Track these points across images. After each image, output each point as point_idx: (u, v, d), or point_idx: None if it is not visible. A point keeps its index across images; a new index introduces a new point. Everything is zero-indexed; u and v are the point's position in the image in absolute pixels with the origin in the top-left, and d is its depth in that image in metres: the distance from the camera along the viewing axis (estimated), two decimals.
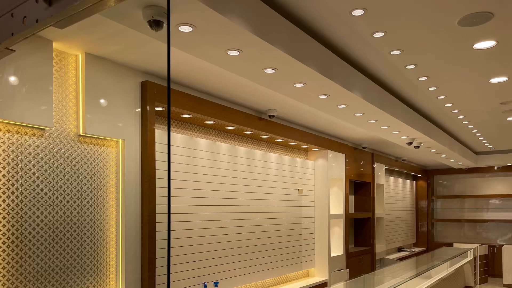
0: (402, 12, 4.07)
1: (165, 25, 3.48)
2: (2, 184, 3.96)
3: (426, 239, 16.11)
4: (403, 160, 13.71)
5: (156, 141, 5.18)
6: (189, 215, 6.07)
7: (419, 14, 4.12)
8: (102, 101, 4.68)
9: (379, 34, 4.58)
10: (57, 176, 4.36)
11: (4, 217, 3.96)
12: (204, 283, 6.21)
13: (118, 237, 4.89)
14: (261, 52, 4.19)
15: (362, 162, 11.02)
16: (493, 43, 4.79)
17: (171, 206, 5.73)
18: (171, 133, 5.93)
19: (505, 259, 13.11)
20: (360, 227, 11.74)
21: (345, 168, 9.92)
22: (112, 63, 4.81)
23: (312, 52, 4.65)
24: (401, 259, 12.95)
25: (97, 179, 4.73)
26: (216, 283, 6.39)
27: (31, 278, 4.13)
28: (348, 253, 10.02)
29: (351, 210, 11.48)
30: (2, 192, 3.95)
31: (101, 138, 4.79)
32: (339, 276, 9.34)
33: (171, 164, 5.81)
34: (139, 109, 5.08)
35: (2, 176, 3.96)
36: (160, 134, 5.42)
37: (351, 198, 11.57)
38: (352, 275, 9.79)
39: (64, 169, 4.42)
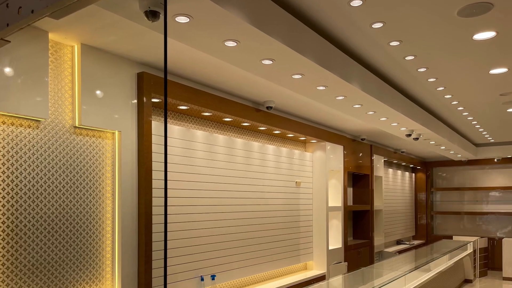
0: (401, 2, 4.04)
1: (161, 16, 3.45)
2: None
3: (425, 232, 16.11)
4: (402, 152, 13.68)
5: (152, 133, 5.16)
6: (186, 207, 6.04)
7: (418, 4, 4.09)
8: (98, 92, 4.65)
9: (377, 25, 4.55)
10: (52, 168, 4.33)
11: None
12: (201, 276, 6.19)
13: (114, 230, 4.87)
14: (258, 43, 4.17)
15: (360, 154, 11.00)
16: (493, 34, 4.76)
17: (167, 198, 5.71)
18: (168, 125, 5.90)
19: (505, 252, 13.06)
20: (359, 220, 11.73)
21: (344, 160, 9.89)
22: (108, 54, 4.78)
23: (310, 43, 4.62)
24: (400, 252, 12.95)
25: (93, 171, 4.70)
26: (213, 276, 6.37)
27: (27, 271, 4.11)
28: (346, 246, 10.01)
29: (350, 202, 11.47)
30: None
31: (97, 130, 4.76)
32: (337, 269, 9.33)
33: (168, 156, 5.78)
34: (136, 101, 5.05)
35: None
36: (156, 125, 5.39)
37: (350, 190, 11.56)
38: (350, 268, 9.79)
39: (60, 161, 4.39)
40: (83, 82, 4.51)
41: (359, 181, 11.72)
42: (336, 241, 9.75)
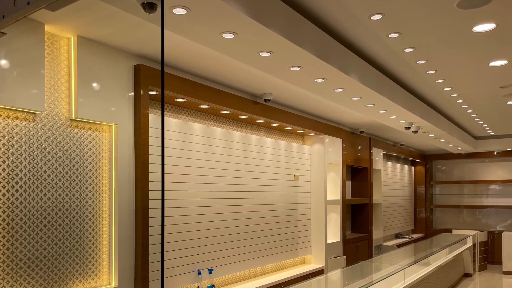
0: None
1: (158, 8, 3.42)
2: None
3: (425, 226, 16.10)
4: (401, 145, 13.67)
5: (149, 126, 5.14)
6: (183, 201, 6.02)
7: None
8: (94, 85, 4.62)
9: (376, 17, 4.52)
10: (48, 161, 4.30)
11: None
12: (199, 270, 6.18)
13: (111, 224, 4.85)
14: (256, 35, 4.14)
15: (359, 147, 10.98)
16: (492, 26, 4.73)
17: (164, 192, 5.69)
18: (165, 118, 5.87)
19: (505, 245, 12.99)
20: (358, 213, 11.73)
21: (342, 153, 9.87)
22: (105, 46, 4.75)
23: (309, 35, 4.59)
24: (399, 245, 12.95)
25: (89, 164, 4.68)
26: (210, 270, 6.36)
27: (23, 265, 4.09)
28: (345, 240, 10.00)
29: (348, 196, 11.46)
30: None
31: (93, 123, 4.73)
32: (336, 263, 9.33)
33: (165, 149, 5.75)
34: (132, 93, 5.02)
35: None
36: (153, 118, 5.36)
37: (348, 183, 11.55)
38: (349, 262, 9.79)
39: (56, 154, 4.37)
40: (79, 75, 4.48)
41: (357, 174, 11.70)
42: (334, 235, 9.74)
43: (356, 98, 6.71)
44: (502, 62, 6.01)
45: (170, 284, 5.79)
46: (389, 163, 13.95)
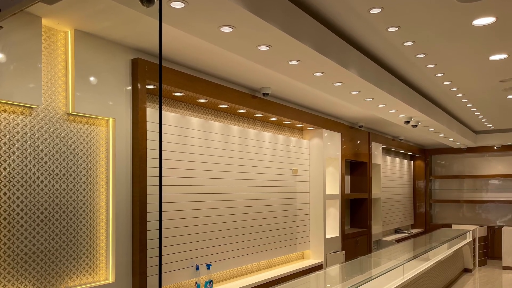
0: None
1: (156, 1, 3.39)
2: None
3: (424, 220, 16.08)
4: (400, 139, 13.65)
5: (147, 120, 5.12)
6: (181, 195, 6.00)
7: None
8: (92, 79, 4.59)
9: (375, 10, 4.50)
10: (45, 156, 4.28)
11: None
12: (197, 265, 6.16)
13: (109, 219, 4.83)
14: (255, 28, 4.12)
15: (358, 142, 10.95)
16: (492, 20, 4.71)
17: (162, 186, 5.66)
18: (163, 112, 5.84)
19: (505, 240, 12.95)
20: (357, 208, 11.72)
21: (341, 148, 9.85)
22: (102, 40, 4.72)
23: (307, 28, 4.57)
24: (399, 240, 12.95)
25: (86, 159, 4.65)
26: (208, 266, 6.34)
27: (19, 260, 4.07)
28: (344, 235, 9.99)
29: (347, 190, 11.45)
30: None
31: (91, 117, 4.70)
32: (334, 258, 9.32)
33: (163, 143, 5.73)
34: (130, 87, 5.00)
35: None
36: (151, 112, 5.34)
37: (347, 178, 11.53)
38: (348, 257, 9.78)
39: (53, 149, 4.35)
40: (76, 69, 4.46)
41: (356, 169, 11.68)
42: (333, 230, 9.73)
43: (355, 92, 6.69)
44: (502, 56, 5.99)
45: (168, 279, 5.78)
46: (388, 158, 13.93)
